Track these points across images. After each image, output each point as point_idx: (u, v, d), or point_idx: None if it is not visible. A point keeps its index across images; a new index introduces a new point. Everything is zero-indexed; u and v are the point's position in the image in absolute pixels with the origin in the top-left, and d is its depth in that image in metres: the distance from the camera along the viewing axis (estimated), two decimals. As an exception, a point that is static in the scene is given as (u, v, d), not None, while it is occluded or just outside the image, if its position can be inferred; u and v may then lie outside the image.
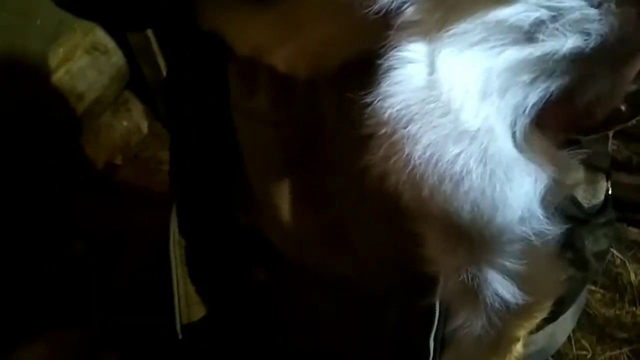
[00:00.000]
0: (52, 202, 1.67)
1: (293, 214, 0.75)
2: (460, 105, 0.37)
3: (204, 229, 0.88)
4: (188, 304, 0.95)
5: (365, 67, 0.46)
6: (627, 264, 1.69)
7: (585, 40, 0.37)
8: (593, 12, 0.37)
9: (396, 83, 0.39)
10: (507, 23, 0.37)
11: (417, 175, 0.38)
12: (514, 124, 0.39)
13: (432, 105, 0.38)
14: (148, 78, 1.91)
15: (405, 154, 0.38)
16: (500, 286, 0.43)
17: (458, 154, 0.38)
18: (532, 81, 0.38)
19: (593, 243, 0.77)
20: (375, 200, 0.44)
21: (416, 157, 0.38)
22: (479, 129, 0.38)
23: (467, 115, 0.37)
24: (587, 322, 1.57)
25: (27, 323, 1.50)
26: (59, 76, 1.70)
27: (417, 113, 0.38)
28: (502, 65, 0.37)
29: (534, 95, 0.38)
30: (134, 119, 1.96)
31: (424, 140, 0.38)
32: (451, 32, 0.38)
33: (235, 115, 0.74)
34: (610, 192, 0.73)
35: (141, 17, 0.70)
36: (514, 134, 0.39)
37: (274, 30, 0.58)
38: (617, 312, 1.62)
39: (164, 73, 1.87)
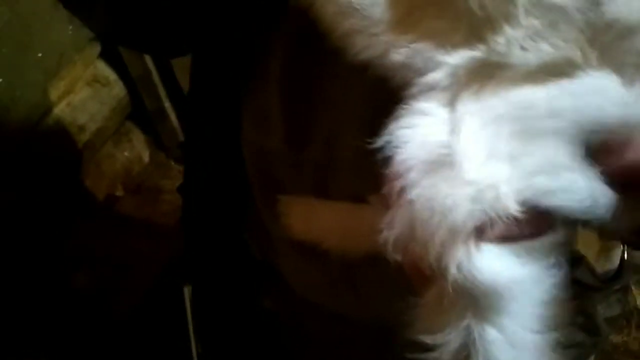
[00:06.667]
0: (53, 234, 1.67)
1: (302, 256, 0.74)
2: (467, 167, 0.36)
3: (213, 252, 0.86)
4: None
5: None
6: (634, 289, 1.66)
7: None
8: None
9: (407, 141, 0.38)
10: (537, 107, 0.36)
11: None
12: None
13: (442, 167, 0.37)
14: (149, 108, 1.92)
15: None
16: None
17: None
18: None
19: (605, 308, 0.74)
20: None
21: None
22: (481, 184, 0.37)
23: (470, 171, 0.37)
24: (594, 349, 1.54)
25: (23, 355, 1.49)
26: (61, 108, 1.71)
27: (426, 173, 0.37)
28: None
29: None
30: (136, 149, 1.96)
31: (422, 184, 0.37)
32: (481, 104, 0.37)
33: (245, 150, 0.73)
34: (626, 256, 0.70)
35: (175, 44, 0.69)
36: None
37: None
38: (625, 338, 1.59)
39: (165, 103, 1.89)
